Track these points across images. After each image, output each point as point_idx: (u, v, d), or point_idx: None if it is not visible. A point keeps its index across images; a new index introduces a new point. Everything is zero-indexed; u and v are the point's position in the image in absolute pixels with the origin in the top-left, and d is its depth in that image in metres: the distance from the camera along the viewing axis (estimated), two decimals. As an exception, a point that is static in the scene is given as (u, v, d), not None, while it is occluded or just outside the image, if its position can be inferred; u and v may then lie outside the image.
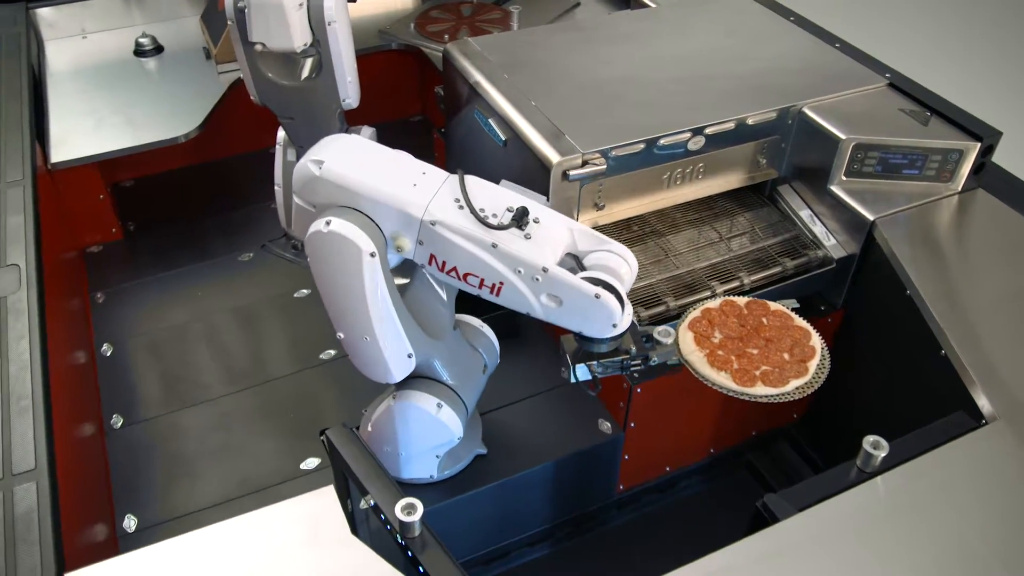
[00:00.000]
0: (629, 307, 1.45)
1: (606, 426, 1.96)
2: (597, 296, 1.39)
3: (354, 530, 1.58)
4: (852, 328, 2.05)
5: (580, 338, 1.50)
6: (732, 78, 2.06)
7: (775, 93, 2.01)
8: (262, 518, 1.29)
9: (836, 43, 2.23)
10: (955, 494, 1.36)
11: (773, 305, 1.72)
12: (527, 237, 1.41)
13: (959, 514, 1.32)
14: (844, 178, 1.97)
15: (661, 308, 1.86)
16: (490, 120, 1.99)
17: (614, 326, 1.42)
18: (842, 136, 1.92)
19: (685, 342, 1.66)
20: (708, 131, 1.91)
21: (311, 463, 1.89)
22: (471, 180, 1.46)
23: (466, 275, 1.45)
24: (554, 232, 1.44)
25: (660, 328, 1.59)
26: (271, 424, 1.97)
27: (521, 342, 2.17)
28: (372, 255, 1.40)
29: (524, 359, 2.12)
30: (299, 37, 1.95)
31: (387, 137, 1.68)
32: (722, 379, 1.58)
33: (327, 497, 1.32)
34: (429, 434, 1.72)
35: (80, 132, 2.32)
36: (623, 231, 2.05)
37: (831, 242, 2.00)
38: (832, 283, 2.01)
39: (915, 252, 1.83)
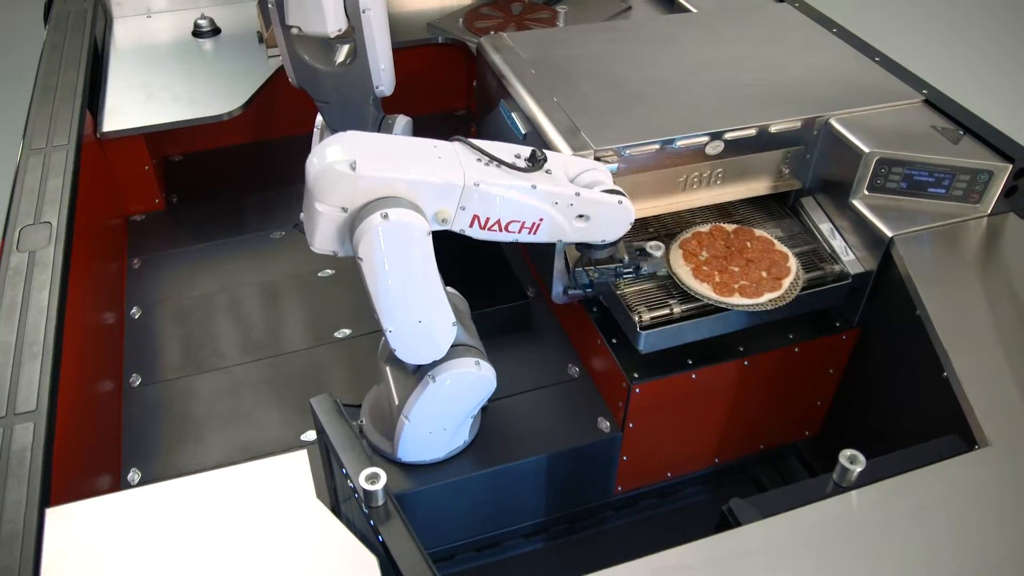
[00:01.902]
0: None
1: (605, 424, 1.97)
2: (620, 202, 1.61)
3: (336, 500, 1.63)
4: (867, 347, 2.00)
5: (582, 248, 1.72)
6: (761, 86, 2.04)
7: (803, 103, 1.98)
8: (231, 475, 1.34)
9: (876, 57, 2.18)
10: (929, 516, 1.32)
11: (758, 232, 1.97)
12: (548, 172, 1.57)
13: (930, 537, 1.29)
14: (867, 193, 1.93)
15: (665, 311, 1.85)
16: (513, 113, 2.01)
17: (630, 223, 1.65)
18: (865, 149, 1.88)
19: (674, 257, 1.91)
20: (727, 136, 1.89)
21: (312, 435, 1.94)
22: (479, 142, 1.56)
23: (508, 224, 1.57)
24: (558, 164, 1.62)
25: (651, 243, 1.82)
26: (279, 395, 2.03)
27: (530, 335, 2.19)
28: (429, 233, 1.46)
29: (532, 352, 2.14)
30: (333, 22, 2.00)
31: (430, 129, 1.72)
32: (704, 289, 1.81)
33: (298, 460, 1.36)
34: (475, 394, 1.78)
35: (131, 105, 2.44)
36: (639, 231, 2.05)
37: (849, 257, 1.96)
38: (848, 300, 1.97)
39: (930, 272, 1.78)
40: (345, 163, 1.41)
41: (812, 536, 1.29)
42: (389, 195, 1.44)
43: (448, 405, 1.76)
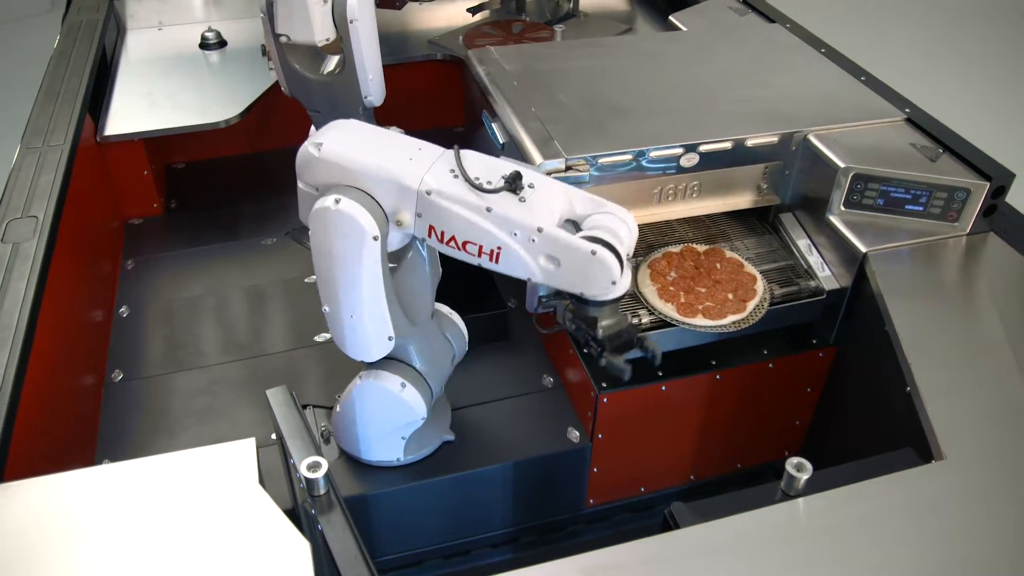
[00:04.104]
0: (628, 270, 1.46)
1: (575, 435, 1.96)
2: (593, 252, 1.40)
3: (295, 501, 1.64)
4: (844, 365, 1.98)
5: (577, 302, 1.52)
6: (743, 101, 2.05)
7: (783, 118, 1.99)
8: (176, 459, 1.36)
9: (862, 76, 2.18)
10: (873, 526, 1.29)
11: (728, 253, 1.97)
12: (521, 200, 1.43)
13: (871, 547, 1.26)
14: (843, 209, 1.92)
15: (634, 320, 1.85)
16: (493, 123, 2.04)
17: (613, 283, 1.42)
18: (841, 164, 1.87)
19: (642, 277, 1.86)
20: (702, 149, 1.90)
21: (283, 434, 1.96)
22: (469, 153, 1.50)
23: (465, 243, 1.49)
24: (550, 196, 1.46)
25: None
26: (254, 394, 2.05)
27: (508, 345, 2.20)
28: (375, 238, 1.46)
29: (508, 361, 2.15)
30: (320, 32, 2.06)
31: None
32: (667, 309, 1.80)
33: (244, 447, 1.38)
34: (393, 414, 1.77)
35: (132, 111, 2.51)
36: (615, 244, 2.05)
37: (825, 273, 1.94)
38: (825, 317, 1.95)
39: (902, 288, 1.76)
40: (315, 145, 1.47)
41: (749, 541, 1.27)
42: (349, 183, 1.47)
43: (366, 412, 1.77)
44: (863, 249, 1.84)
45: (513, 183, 1.44)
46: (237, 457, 1.38)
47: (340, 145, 1.49)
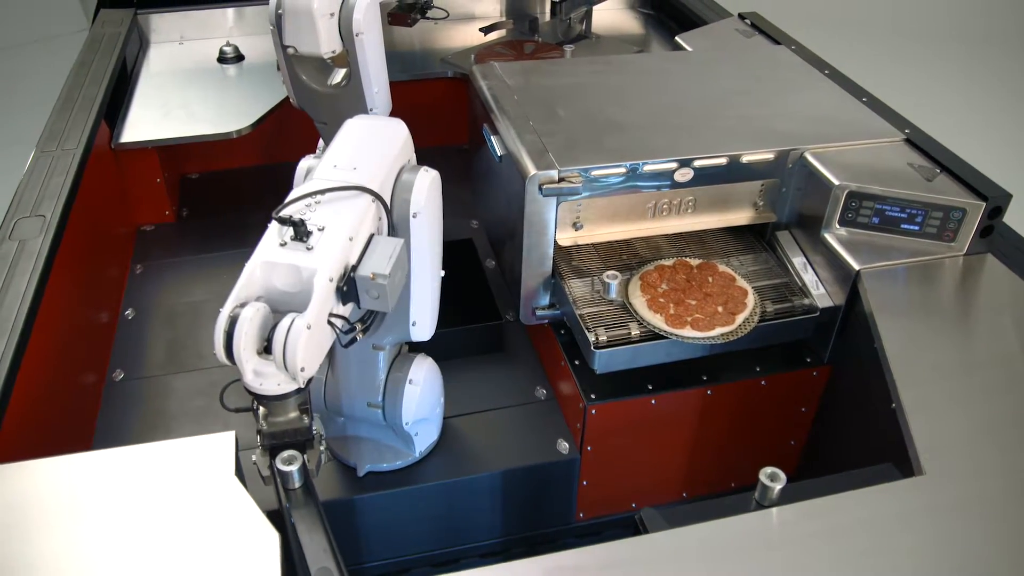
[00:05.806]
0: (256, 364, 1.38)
1: (564, 446, 1.96)
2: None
3: (278, 494, 1.65)
4: (838, 384, 1.96)
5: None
6: (741, 119, 2.06)
7: (780, 136, 1.99)
8: (154, 449, 1.38)
9: (863, 97, 2.18)
10: (844, 538, 1.28)
11: (721, 268, 1.98)
12: (282, 244, 1.36)
13: (839, 559, 1.25)
14: (838, 227, 1.92)
15: (623, 333, 1.85)
16: (492, 137, 2.07)
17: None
18: (835, 182, 1.87)
19: (633, 288, 1.91)
20: (696, 164, 1.91)
21: (275, 437, 1.98)
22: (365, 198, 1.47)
23: None
24: (310, 258, 1.34)
25: (609, 272, 1.87)
26: (250, 398, 2.08)
27: (504, 356, 2.21)
28: None
29: (502, 373, 2.16)
30: (326, 44, 2.11)
31: (435, 161, 1.79)
32: (656, 320, 1.82)
33: (224, 440, 1.40)
34: None
35: (147, 120, 2.57)
36: (611, 257, 2.06)
37: (819, 291, 1.94)
38: (819, 335, 1.95)
39: (894, 306, 1.75)
40: None
41: (715, 548, 1.27)
42: None
43: None
44: (856, 267, 1.83)
45: (290, 222, 1.36)
46: (216, 449, 1.40)
47: (350, 124, 1.73)
